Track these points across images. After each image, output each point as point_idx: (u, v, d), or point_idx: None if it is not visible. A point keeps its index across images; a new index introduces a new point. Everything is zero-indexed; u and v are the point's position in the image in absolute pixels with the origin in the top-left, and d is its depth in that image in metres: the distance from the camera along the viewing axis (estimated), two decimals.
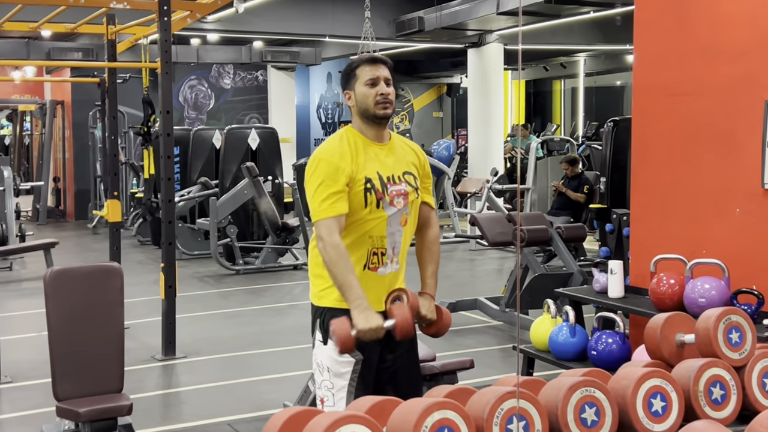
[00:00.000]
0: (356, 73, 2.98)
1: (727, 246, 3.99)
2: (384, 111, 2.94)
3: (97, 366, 3.50)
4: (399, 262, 2.98)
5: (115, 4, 5.87)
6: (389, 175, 2.94)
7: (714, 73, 4.05)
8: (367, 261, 2.92)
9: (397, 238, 2.96)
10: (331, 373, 2.90)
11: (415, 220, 3.05)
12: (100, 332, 3.52)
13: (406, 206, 2.97)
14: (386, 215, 2.92)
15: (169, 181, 5.93)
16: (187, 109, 20.86)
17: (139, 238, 12.58)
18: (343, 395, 2.88)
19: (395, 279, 2.99)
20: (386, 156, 2.98)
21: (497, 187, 11.11)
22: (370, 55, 3.02)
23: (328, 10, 12.46)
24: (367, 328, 2.74)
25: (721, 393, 2.37)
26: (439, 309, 3.06)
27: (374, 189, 2.89)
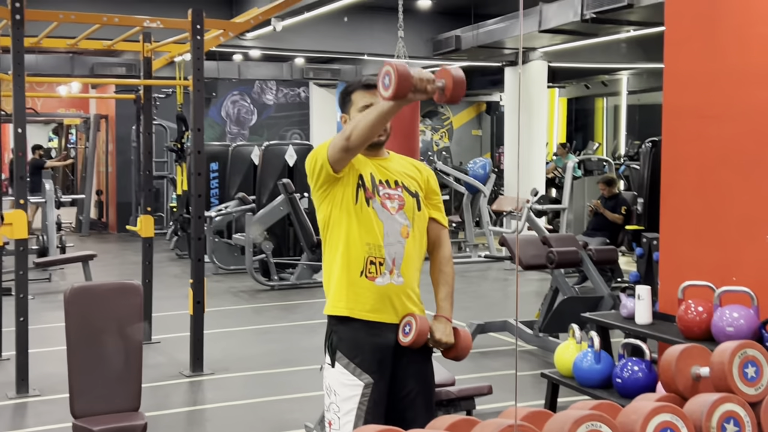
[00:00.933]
0: (352, 98, 2.98)
1: (758, 273, 3.89)
2: (378, 138, 2.92)
3: (114, 384, 3.52)
4: (402, 275, 2.92)
5: (148, 23, 5.95)
6: (383, 178, 2.95)
7: (744, 96, 3.97)
8: (364, 269, 2.89)
9: (398, 249, 2.91)
10: (338, 396, 2.89)
11: (422, 235, 3.01)
12: (118, 350, 3.53)
13: (403, 215, 2.93)
14: (380, 220, 2.89)
15: (199, 198, 5.97)
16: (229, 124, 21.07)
17: (177, 252, 12.70)
18: (349, 419, 2.85)
19: (399, 292, 2.92)
20: (381, 165, 2.98)
21: (537, 207, 11.01)
22: (367, 80, 2.99)
23: (366, 28, 12.52)
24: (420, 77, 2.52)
25: (735, 429, 2.29)
26: (456, 332, 3.01)
27: (364, 186, 2.90)
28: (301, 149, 11.41)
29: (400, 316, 2.93)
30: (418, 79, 2.49)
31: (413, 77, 2.48)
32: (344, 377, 2.90)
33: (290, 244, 11.09)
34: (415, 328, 2.87)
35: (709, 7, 4.17)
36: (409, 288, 2.95)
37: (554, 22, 10.28)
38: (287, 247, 11.06)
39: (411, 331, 2.87)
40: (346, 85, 3.04)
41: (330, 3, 9.75)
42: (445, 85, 2.52)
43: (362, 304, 2.90)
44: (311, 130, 19.90)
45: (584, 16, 8.46)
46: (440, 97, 2.55)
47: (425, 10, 11.59)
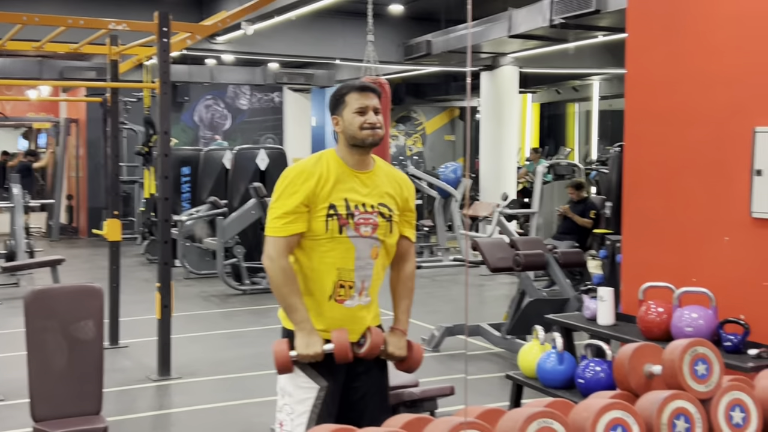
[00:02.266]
0: (345, 100, 2.97)
1: (716, 275, 3.95)
2: (373, 138, 2.93)
3: (75, 387, 3.50)
4: (369, 295, 2.96)
5: (114, 25, 5.93)
6: (360, 203, 2.92)
7: (704, 101, 4.03)
8: (333, 293, 2.91)
9: (368, 271, 2.93)
10: (292, 398, 2.91)
11: (388, 257, 3.02)
12: (79, 353, 3.52)
13: (375, 238, 2.93)
14: (352, 245, 2.89)
15: (166, 201, 5.95)
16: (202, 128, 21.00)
17: (148, 257, 12.62)
18: (302, 421, 2.87)
19: (364, 312, 2.96)
20: (362, 184, 2.95)
21: (507, 211, 11.07)
22: (360, 83, 3.01)
23: (338, 33, 12.54)
24: (305, 353, 2.81)
25: (686, 426, 2.33)
26: (410, 345, 3.05)
27: (337, 215, 2.88)
28: (273, 153, 11.39)
29: (359, 333, 2.95)
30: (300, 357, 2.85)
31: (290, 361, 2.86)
32: (300, 380, 2.91)
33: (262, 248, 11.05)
34: (369, 341, 2.91)
35: (671, 13, 4.24)
36: (374, 304, 3.01)
37: (524, 27, 10.35)
38: (259, 251, 11.00)
39: (365, 344, 2.92)
40: (339, 87, 3.02)
41: (299, 7, 9.75)
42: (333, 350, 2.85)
43: (325, 325, 2.92)
44: (285, 135, 19.87)
45: (553, 21, 8.53)
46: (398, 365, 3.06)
47: (396, 15, 11.64)
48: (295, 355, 2.86)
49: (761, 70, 3.72)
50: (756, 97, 3.76)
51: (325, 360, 2.88)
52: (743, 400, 2.43)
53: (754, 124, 3.73)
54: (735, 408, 2.41)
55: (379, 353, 2.96)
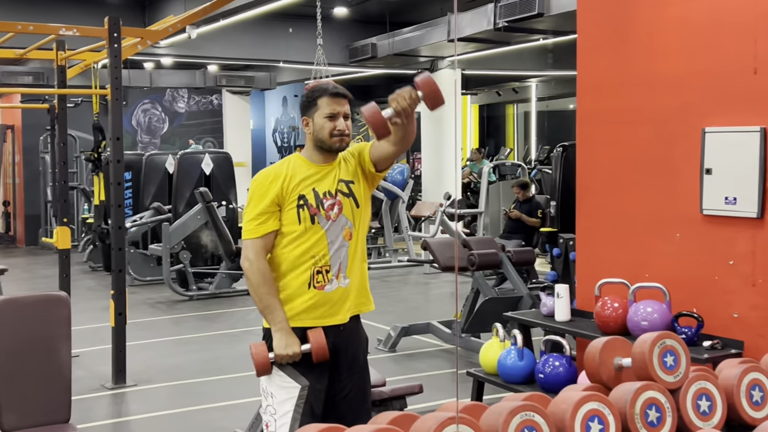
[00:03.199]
0: (317, 103, 3.03)
1: (669, 270, 4.10)
2: (339, 145, 3.01)
3: (44, 396, 3.47)
4: (348, 276, 3.02)
5: (64, 31, 5.85)
6: (326, 190, 3.01)
7: (653, 102, 4.17)
8: (312, 280, 2.97)
9: (342, 254, 3.00)
10: (275, 398, 2.95)
11: (363, 235, 3.08)
12: (47, 362, 3.49)
13: (344, 218, 3.00)
14: (324, 231, 2.96)
15: (119, 208, 5.90)
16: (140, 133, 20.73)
17: (91, 264, 12.42)
18: (285, 421, 2.91)
19: (346, 293, 3.02)
20: (326, 174, 3.04)
21: (450, 211, 11.20)
22: (334, 88, 3.06)
23: (281, 35, 12.53)
24: (284, 354, 2.88)
25: (657, 415, 2.44)
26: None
27: (307, 204, 2.97)
28: (218, 157, 11.32)
29: (346, 314, 3.01)
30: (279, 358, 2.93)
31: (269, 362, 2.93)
32: (281, 380, 2.96)
33: (208, 254, 11.00)
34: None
35: (620, 18, 4.38)
36: (355, 286, 3.05)
37: (467, 30, 10.50)
38: (205, 257, 10.96)
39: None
40: (312, 90, 3.08)
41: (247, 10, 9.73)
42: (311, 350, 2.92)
43: (309, 313, 2.97)
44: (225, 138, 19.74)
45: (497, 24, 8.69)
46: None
47: (341, 17, 11.69)
48: (273, 356, 2.91)
49: (709, 72, 3.88)
50: (704, 98, 3.91)
51: (305, 359, 2.93)
52: (709, 389, 2.55)
53: (702, 124, 3.88)
54: (702, 397, 2.53)
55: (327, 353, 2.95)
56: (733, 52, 3.74)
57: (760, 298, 3.65)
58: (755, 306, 3.67)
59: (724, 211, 3.79)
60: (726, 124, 3.78)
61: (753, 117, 3.65)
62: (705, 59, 3.88)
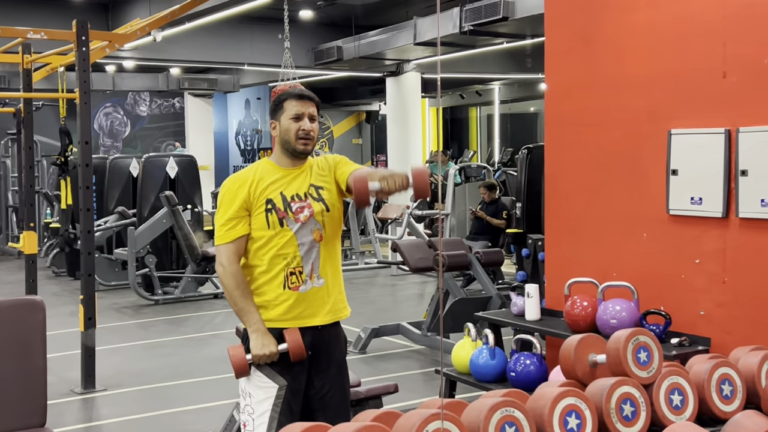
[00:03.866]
0: (284, 106, 3.09)
1: (636, 269, 4.19)
2: (304, 147, 3.06)
3: (19, 401, 3.45)
4: (322, 277, 3.06)
5: (32, 34, 5.81)
6: (294, 194, 3.04)
7: (620, 104, 4.26)
8: (286, 282, 3.01)
9: (314, 255, 3.04)
10: (253, 398, 2.98)
11: (335, 233, 3.12)
12: (22, 366, 3.48)
13: (314, 220, 3.03)
14: (293, 234, 3.00)
15: (88, 212, 5.87)
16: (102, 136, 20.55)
17: (54, 270, 12.29)
18: (263, 421, 2.95)
19: (321, 293, 3.05)
20: (294, 178, 3.07)
21: (417, 213, 11.27)
22: (300, 90, 3.12)
23: (246, 38, 12.51)
24: (261, 353, 2.93)
25: (632, 410, 2.51)
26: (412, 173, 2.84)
27: (275, 209, 3.01)
28: (183, 160, 11.27)
29: (322, 316, 3.05)
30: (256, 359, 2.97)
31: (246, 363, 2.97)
32: (259, 380, 2.99)
33: (174, 258, 10.95)
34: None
35: (587, 21, 4.46)
36: (330, 285, 3.09)
37: (430, 34, 10.58)
38: (170, 261, 10.91)
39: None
40: (279, 93, 3.14)
41: (213, 13, 9.71)
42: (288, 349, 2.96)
43: (286, 314, 3.01)
44: (187, 141, 19.64)
45: (463, 28, 8.77)
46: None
47: (307, 20, 11.71)
48: (250, 357, 2.94)
49: (674, 75, 3.98)
50: (670, 101, 4.01)
51: (283, 359, 2.96)
52: (681, 384, 2.63)
53: (669, 126, 3.98)
54: (674, 391, 2.61)
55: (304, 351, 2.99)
56: (700, 55, 3.83)
57: (727, 295, 3.75)
58: (721, 303, 3.77)
59: (690, 211, 3.89)
60: (692, 126, 3.87)
61: (719, 119, 3.75)
62: (672, 63, 3.98)
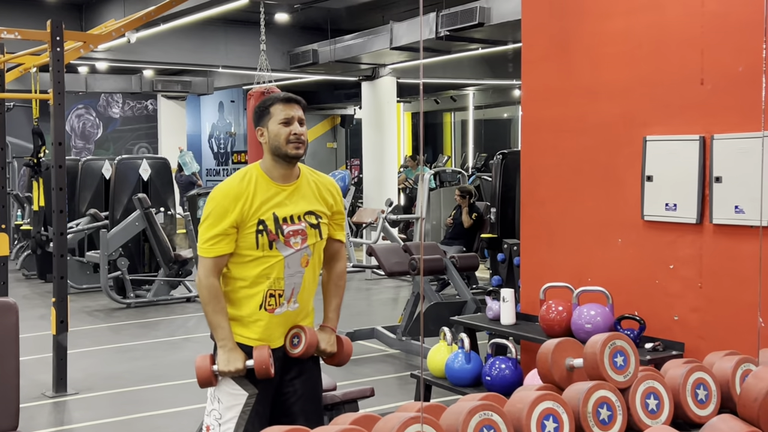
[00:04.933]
0: (270, 111, 3.02)
1: (611, 274, 4.22)
2: (296, 151, 2.99)
3: None
4: (298, 302, 3.03)
5: (5, 34, 5.75)
6: (287, 215, 2.98)
7: (596, 111, 4.30)
8: (264, 302, 2.97)
9: (297, 279, 3.00)
10: (221, 404, 2.96)
11: (319, 261, 3.10)
12: None
13: (306, 247, 3.00)
14: (281, 256, 2.96)
15: (61, 214, 5.81)
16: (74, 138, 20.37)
17: (24, 272, 12.16)
18: (229, 426, 2.93)
19: (293, 317, 3.04)
20: (288, 197, 3.00)
21: (392, 217, 11.29)
22: (285, 95, 3.07)
23: (221, 40, 12.47)
24: (226, 370, 2.91)
25: (608, 413, 2.52)
26: (339, 340, 3.17)
27: (266, 230, 2.94)
28: (156, 163, 11.20)
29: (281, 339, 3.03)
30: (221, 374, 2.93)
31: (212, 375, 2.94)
32: (229, 387, 2.96)
33: (146, 261, 10.87)
34: (304, 340, 3.00)
35: (563, 28, 4.50)
36: (303, 310, 3.07)
37: (406, 39, 10.61)
38: (143, 264, 10.83)
39: (300, 343, 3.01)
40: (264, 99, 3.08)
41: (187, 15, 9.67)
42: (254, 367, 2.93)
43: (256, 335, 2.98)
44: (160, 143, 19.52)
45: (439, 33, 8.81)
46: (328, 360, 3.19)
47: (282, 23, 11.69)
48: (216, 369, 2.94)
49: (649, 82, 4.02)
50: (645, 107, 4.05)
51: (251, 372, 2.95)
52: (657, 388, 2.65)
53: (644, 133, 4.02)
54: (650, 396, 2.63)
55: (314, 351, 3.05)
56: (677, 63, 3.88)
57: (701, 300, 3.79)
58: (695, 308, 3.81)
59: (665, 217, 3.93)
60: (667, 132, 3.92)
61: (694, 126, 3.79)
62: (648, 70, 4.02)
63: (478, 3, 8.59)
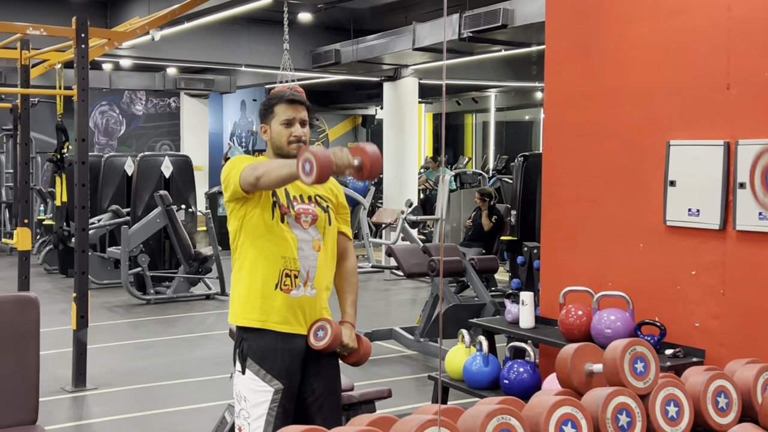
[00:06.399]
0: (274, 110, 3.06)
1: (632, 279, 4.19)
2: (297, 152, 3.00)
3: (11, 397, 3.44)
4: (315, 288, 3.03)
5: (31, 30, 5.79)
6: (297, 194, 3.03)
7: (619, 115, 4.27)
8: (279, 281, 2.98)
9: (311, 262, 3.01)
10: (248, 402, 2.96)
11: (333, 248, 3.12)
12: (15, 363, 3.46)
13: (315, 230, 3.03)
14: (294, 234, 2.98)
15: (83, 210, 5.85)
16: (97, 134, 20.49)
17: (46, 267, 12.26)
18: (259, 425, 2.93)
19: (311, 304, 3.03)
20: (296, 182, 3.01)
21: (412, 218, 11.28)
22: (290, 95, 3.08)
23: (244, 39, 12.51)
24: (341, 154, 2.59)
25: (627, 420, 2.50)
26: (359, 338, 3.16)
27: (279, 203, 2.98)
28: (178, 160, 11.26)
29: (306, 323, 3.03)
30: (336, 165, 2.56)
31: (333, 164, 2.54)
32: (254, 384, 2.97)
33: (166, 257, 10.93)
34: (330, 332, 2.99)
35: (587, 31, 4.47)
36: (321, 300, 3.08)
37: (428, 40, 10.59)
38: (163, 260, 10.89)
39: (325, 336, 2.99)
40: (269, 97, 3.11)
41: (212, 13, 9.71)
42: (362, 164, 2.58)
43: (275, 316, 2.98)
44: (182, 141, 19.60)
45: (462, 34, 8.79)
46: (358, 175, 2.62)
47: (305, 23, 11.70)
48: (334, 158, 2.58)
49: (674, 87, 3.98)
50: (669, 112, 4.01)
51: (281, 362, 2.95)
52: (677, 395, 2.63)
53: (667, 137, 3.99)
54: (670, 402, 2.60)
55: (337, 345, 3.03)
56: (703, 67, 3.84)
57: (723, 307, 3.75)
58: (717, 315, 3.77)
59: (688, 223, 3.89)
60: (691, 137, 3.88)
61: (719, 131, 3.76)
62: (673, 74, 3.98)
63: (502, 4, 8.56)
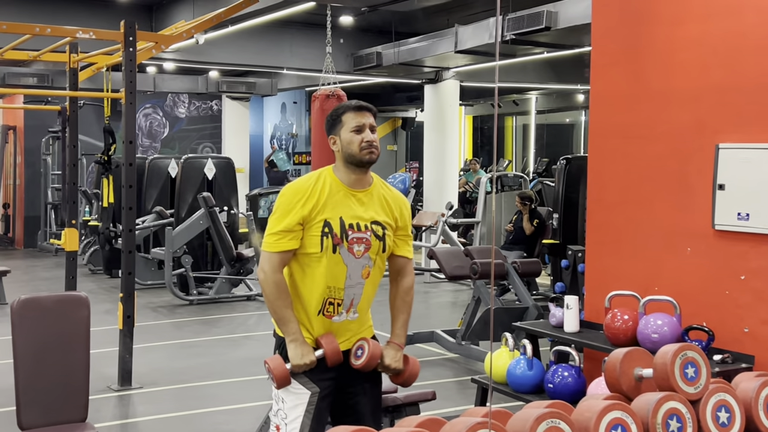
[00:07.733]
0: (342, 120, 3.05)
1: (679, 284, 4.15)
2: (369, 156, 3.01)
3: (62, 395, 3.50)
4: (358, 311, 3.05)
5: (81, 34, 5.89)
6: (354, 222, 2.99)
7: (666, 118, 4.23)
8: (323, 309, 3.00)
9: (357, 290, 3.02)
10: (286, 403, 2.99)
11: (381, 271, 3.11)
12: (66, 361, 3.53)
13: (368, 257, 3.02)
14: (344, 265, 2.97)
15: (130, 211, 5.93)
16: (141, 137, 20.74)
17: (91, 267, 12.44)
18: (295, 426, 2.96)
19: (352, 325, 3.06)
20: (357, 203, 3.02)
21: (452, 221, 11.25)
22: (357, 103, 3.09)
23: (286, 42, 12.58)
24: (301, 363, 2.92)
25: (678, 425, 2.48)
26: (406, 358, 3.15)
27: (332, 233, 2.95)
28: (221, 162, 11.36)
29: (349, 343, 3.06)
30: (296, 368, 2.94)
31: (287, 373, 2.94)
32: (292, 386, 2.99)
33: (209, 258, 11.04)
34: (367, 352, 3.01)
35: (634, 33, 4.44)
36: (363, 320, 3.10)
37: (470, 43, 10.56)
38: (205, 262, 11.00)
39: (363, 355, 3.01)
40: (335, 108, 3.11)
41: (256, 17, 9.79)
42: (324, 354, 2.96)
43: (314, 335, 3.02)
44: (223, 144, 19.75)
45: (505, 37, 8.76)
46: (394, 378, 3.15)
47: (347, 26, 11.74)
48: (290, 366, 2.95)
49: (723, 89, 3.94)
50: (718, 114, 3.97)
51: (318, 366, 2.97)
52: (728, 401, 2.60)
53: (716, 140, 3.94)
54: (721, 408, 2.57)
55: (376, 365, 3.05)
56: (754, 69, 3.79)
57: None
58: (766, 321, 3.72)
59: (737, 227, 3.85)
60: (740, 140, 3.83)
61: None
62: (722, 76, 3.94)
63: (546, 7, 8.51)
